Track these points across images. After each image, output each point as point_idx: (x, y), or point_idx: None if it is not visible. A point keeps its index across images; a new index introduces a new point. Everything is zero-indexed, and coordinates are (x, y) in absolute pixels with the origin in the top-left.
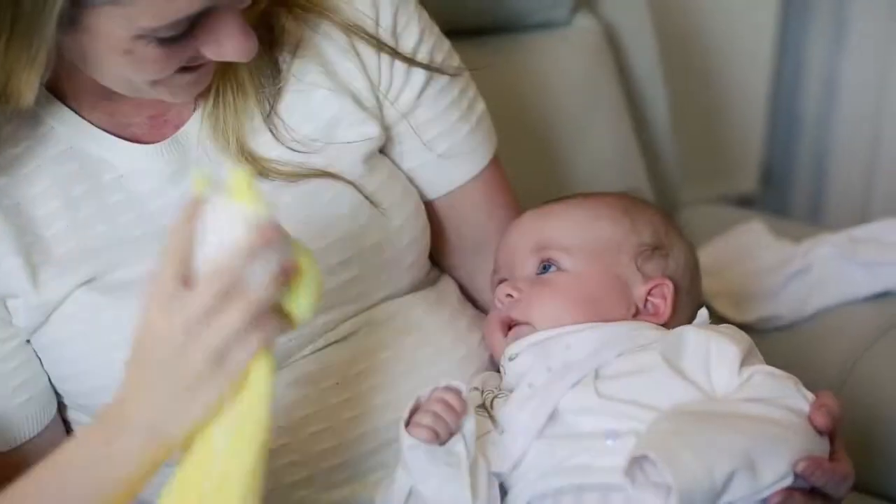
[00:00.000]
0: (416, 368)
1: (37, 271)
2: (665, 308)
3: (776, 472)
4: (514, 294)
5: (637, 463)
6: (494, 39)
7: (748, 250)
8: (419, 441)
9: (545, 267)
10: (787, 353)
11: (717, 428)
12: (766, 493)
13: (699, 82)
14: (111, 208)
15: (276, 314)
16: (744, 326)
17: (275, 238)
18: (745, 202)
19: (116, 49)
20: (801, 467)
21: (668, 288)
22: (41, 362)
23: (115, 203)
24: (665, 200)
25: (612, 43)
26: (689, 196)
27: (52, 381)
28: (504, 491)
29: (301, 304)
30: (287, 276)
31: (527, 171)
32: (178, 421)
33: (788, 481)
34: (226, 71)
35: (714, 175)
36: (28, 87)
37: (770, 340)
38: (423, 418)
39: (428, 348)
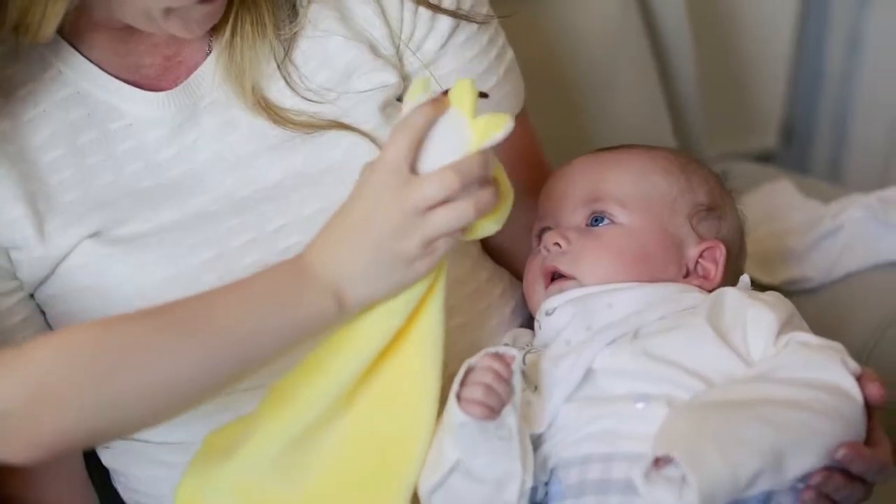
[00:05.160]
0: (447, 339)
1: (42, 220)
2: (716, 272)
3: (804, 465)
4: (563, 244)
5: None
6: None
7: (776, 210)
8: (472, 418)
9: (597, 219)
10: (814, 317)
11: (745, 420)
12: (791, 484)
13: (722, 37)
14: (119, 157)
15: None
16: (770, 288)
17: (491, 154)
18: (765, 158)
19: None
20: (840, 454)
21: (721, 251)
22: (45, 317)
23: (123, 152)
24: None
25: None
26: (708, 151)
27: None
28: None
29: (496, 216)
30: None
31: (551, 119)
32: (364, 291)
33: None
34: (244, 7)
35: (734, 130)
36: (52, 17)
37: (798, 303)
38: (475, 392)
39: (448, 299)
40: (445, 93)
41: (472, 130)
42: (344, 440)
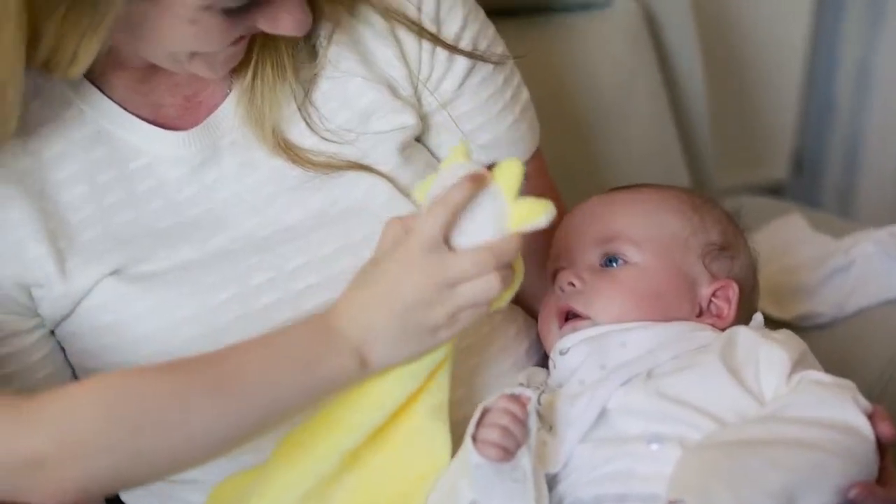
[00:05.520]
0: (464, 380)
1: (63, 258)
2: (729, 311)
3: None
4: (577, 283)
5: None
6: (534, 20)
7: (788, 245)
8: (488, 460)
9: (610, 259)
10: (826, 352)
11: (757, 462)
12: None
13: (733, 68)
14: (139, 196)
15: None
16: (782, 323)
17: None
18: (776, 190)
19: (181, 18)
20: (853, 494)
21: (734, 290)
22: (65, 354)
23: (143, 191)
24: (699, 188)
25: (652, 27)
26: (720, 182)
27: (77, 373)
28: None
29: (512, 287)
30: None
31: (564, 153)
32: (387, 354)
33: None
34: (264, 50)
35: (745, 162)
36: (84, 55)
37: (809, 338)
38: (492, 434)
39: (464, 340)
40: (488, 168)
41: (511, 211)
42: (354, 495)
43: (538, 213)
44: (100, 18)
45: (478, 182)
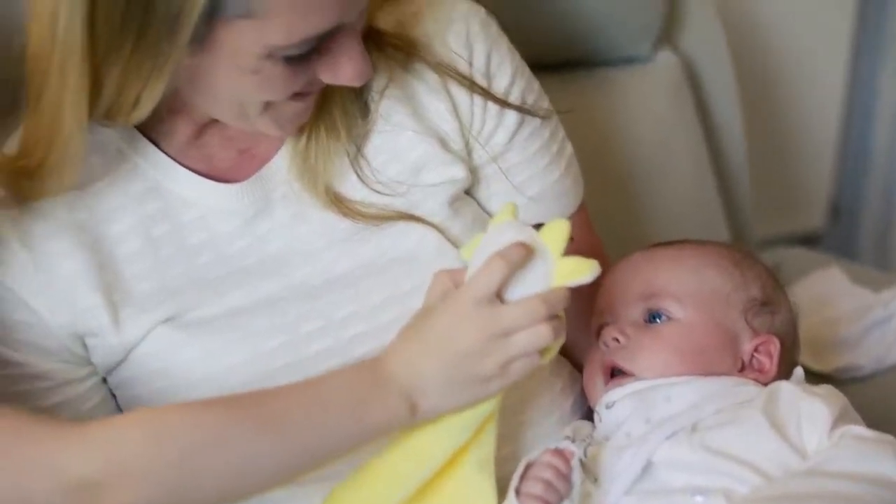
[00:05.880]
0: (511, 437)
1: (117, 309)
2: (771, 366)
3: None
4: (622, 339)
5: None
6: (576, 74)
7: (827, 298)
8: None
9: (654, 315)
10: (866, 405)
11: None
12: None
13: (770, 116)
14: (191, 249)
15: None
16: (822, 376)
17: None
18: (812, 238)
19: (242, 68)
20: None
21: (776, 345)
22: (116, 401)
23: (196, 243)
24: (738, 238)
25: (692, 78)
26: (757, 232)
27: None
28: None
29: (555, 345)
30: None
31: (604, 206)
32: (438, 403)
33: None
34: (319, 109)
35: (781, 211)
36: (148, 99)
37: (849, 391)
38: (535, 487)
39: (512, 395)
40: (536, 227)
41: (558, 268)
42: None
43: (584, 271)
44: (162, 62)
45: (531, 247)
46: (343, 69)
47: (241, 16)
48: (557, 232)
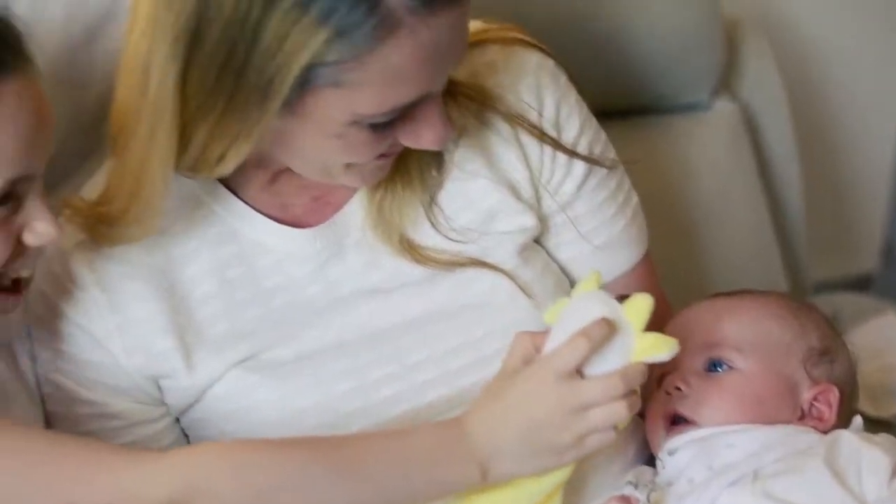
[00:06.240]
0: (575, 486)
1: (190, 351)
2: (830, 415)
3: None
4: (684, 388)
5: None
6: (635, 121)
7: (884, 345)
8: None
9: (715, 364)
10: None
11: None
12: None
13: (824, 158)
14: (266, 293)
15: None
16: (880, 422)
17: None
18: (866, 281)
19: (328, 133)
20: None
21: (835, 394)
22: (188, 440)
23: (271, 287)
24: (794, 282)
25: (750, 124)
26: (811, 275)
27: None
28: None
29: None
30: None
31: (663, 253)
32: (510, 469)
33: None
34: (396, 161)
35: (835, 252)
36: (234, 156)
37: None
38: None
39: (585, 464)
40: (620, 298)
41: (637, 344)
42: None
43: (663, 349)
44: (251, 125)
45: (615, 324)
46: (425, 135)
47: (332, 85)
48: (640, 307)
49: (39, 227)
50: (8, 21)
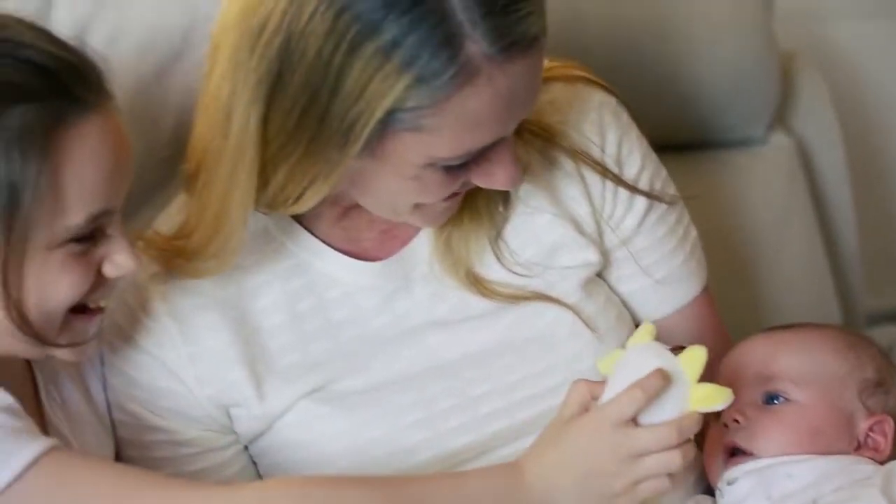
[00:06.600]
0: None
1: (261, 381)
2: (886, 445)
3: None
4: (741, 420)
5: None
6: (692, 155)
7: None
8: None
9: (772, 396)
10: None
11: None
12: None
13: (876, 191)
14: (335, 325)
15: None
16: None
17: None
18: None
19: (404, 175)
20: None
21: (890, 425)
22: (256, 468)
23: (339, 319)
24: (849, 314)
25: (804, 158)
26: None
27: None
28: None
29: None
30: None
31: (720, 283)
32: None
33: None
34: (463, 198)
35: (887, 284)
36: (313, 197)
37: None
38: None
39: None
40: (674, 349)
41: (693, 394)
42: None
43: (717, 399)
44: (331, 168)
45: (669, 374)
46: (498, 176)
47: (410, 130)
48: (696, 358)
49: (119, 260)
50: (88, 58)
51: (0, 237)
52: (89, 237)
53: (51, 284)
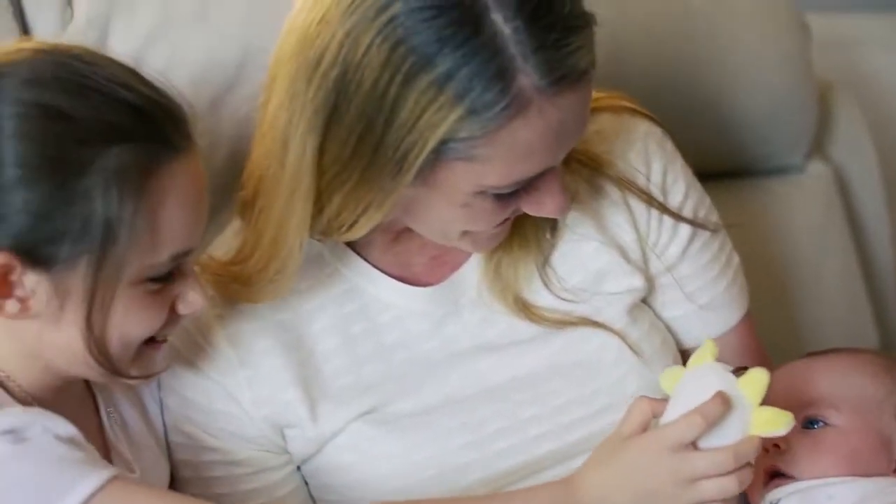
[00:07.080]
0: None
1: (315, 404)
2: None
3: None
4: (782, 444)
5: None
6: (732, 183)
7: None
8: None
9: (812, 421)
10: None
11: None
12: None
13: None
14: (387, 348)
15: None
16: None
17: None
18: None
19: (455, 202)
20: None
21: None
22: (308, 488)
23: (391, 342)
24: (887, 339)
25: (841, 186)
26: None
27: None
28: None
29: None
30: None
31: (759, 310)
32: None
33: None
34: (512, 225)
35: None
36: (367, 223)
37: None
38: None
39: None
40: (736, 370)
41: (754, 417)
42: None
43: (779, 424)
44: (384, 196)
45: (731, 399)
46: (546, 205)
47: (462, 159)
48: (758, 381)
49: (192, 297)
50: (177, 102)
51: (90, 273)
52: (167, 275)
53: (131, 320)
